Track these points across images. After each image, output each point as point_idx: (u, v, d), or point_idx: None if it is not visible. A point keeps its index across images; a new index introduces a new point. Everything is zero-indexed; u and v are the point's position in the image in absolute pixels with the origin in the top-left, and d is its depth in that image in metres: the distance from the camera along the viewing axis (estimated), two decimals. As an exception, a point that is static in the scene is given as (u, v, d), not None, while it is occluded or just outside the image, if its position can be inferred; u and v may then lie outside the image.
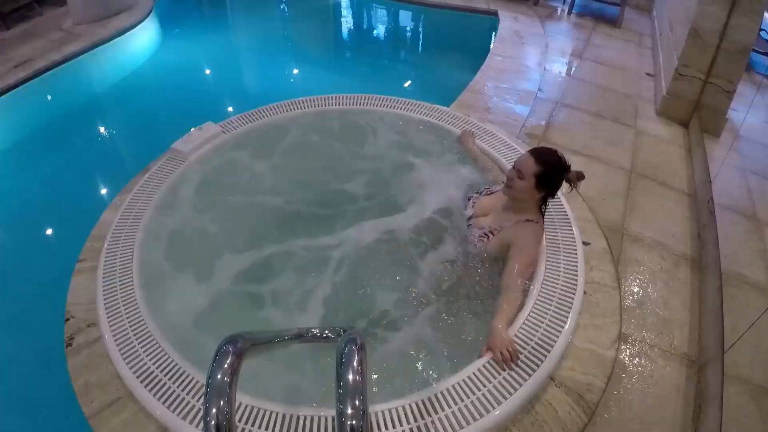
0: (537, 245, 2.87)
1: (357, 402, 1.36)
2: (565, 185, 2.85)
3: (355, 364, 1.44)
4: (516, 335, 2.56)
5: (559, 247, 3.09)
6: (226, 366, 1.39)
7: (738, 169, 4.12)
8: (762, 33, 6.02)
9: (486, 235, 2.90)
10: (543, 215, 2.90)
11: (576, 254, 3.05)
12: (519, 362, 2.42)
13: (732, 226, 3.44)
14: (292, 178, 3.61)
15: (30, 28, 6.74)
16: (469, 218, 3.07)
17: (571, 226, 3.26)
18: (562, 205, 3.40)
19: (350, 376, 1.41)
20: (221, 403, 1.33)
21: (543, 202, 2.87)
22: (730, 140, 4.49)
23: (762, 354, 2.52)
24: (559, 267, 2.96)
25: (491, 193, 3.15)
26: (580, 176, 2.85)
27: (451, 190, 3.42)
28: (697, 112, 4.75)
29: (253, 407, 2.23)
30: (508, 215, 2.88)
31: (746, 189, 3.96)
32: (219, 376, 1.37)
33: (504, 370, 2.38)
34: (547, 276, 2.89)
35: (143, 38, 6.90)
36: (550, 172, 2.75)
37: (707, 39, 4.50)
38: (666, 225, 3.59)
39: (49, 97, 5.67)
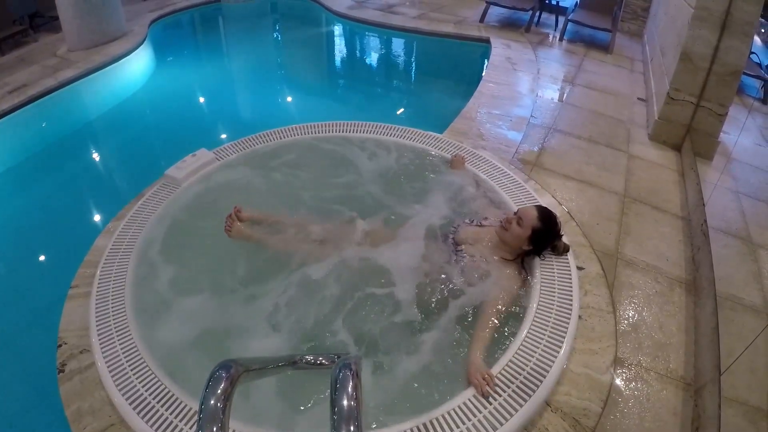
0: (512, 288, 2.90)
1: (352, 428, 1.34)
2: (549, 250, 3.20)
3: (349, 390, 1.42)
4: (511, 360, 2.55)
5: (554, 272, 3.09)
6: (219, 392, 1.37)
7: (731, 192, 4.15)
8: (752, 56, 6.10)
9: (475, 262, 2.96)
10: (523, 268, 3.06)
11: (570, 279, 3.05)
12: (496, 389, 2.40)
13: (726, 248, 3.45)
14: (285, 205, 3.59)
15: (25, 54, 6.80)
16: (458, 245, 3.08)
17: (565, 251, 3.26)
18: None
19: (345, 402, 1.39)
20: (214, 429, 1.31)
21: (525, 255, 3.06)
22: (722, 163, 4.51)
23: (758, 376, 2.51)
24: (554, 292, 2.96)
25: (480, 225, 3.20)
26: (566, 248, 3.24)
27: (441, 215, 3.42)
28: (689, 135, 4.78)
29: (246, 434, 2.20)
30: (494, 251, 3.02)
31: (739, 211, 3.98)
32: (212, 402, 1.35)
33: (485, 397, 2.36)
34: (542, 301, 2.89)
35: (138, 65, 6.95)
36: (547, 232, 3.02)
37: (698, 63, 4.55)
38: (660, 248, 3.59)
39: (44, 123, 5.66)
